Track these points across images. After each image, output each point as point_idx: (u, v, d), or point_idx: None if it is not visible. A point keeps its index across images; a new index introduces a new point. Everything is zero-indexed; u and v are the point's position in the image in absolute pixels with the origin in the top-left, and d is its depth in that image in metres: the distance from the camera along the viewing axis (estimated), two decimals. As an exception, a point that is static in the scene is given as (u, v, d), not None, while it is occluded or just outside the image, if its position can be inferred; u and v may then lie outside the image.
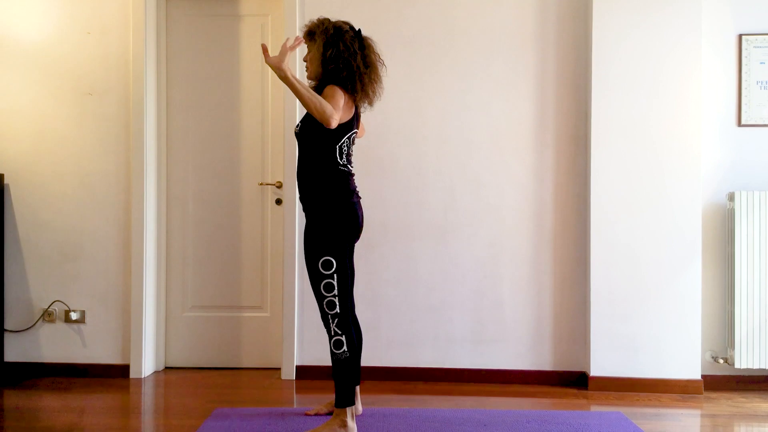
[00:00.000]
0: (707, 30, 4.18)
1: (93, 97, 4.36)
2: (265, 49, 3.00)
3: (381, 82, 3.22)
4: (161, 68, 4.50)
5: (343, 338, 3.13)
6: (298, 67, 4.19)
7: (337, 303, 3.13)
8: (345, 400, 3.14)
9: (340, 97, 3.06)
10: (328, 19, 3.17)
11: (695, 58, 4.10)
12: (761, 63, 4.20)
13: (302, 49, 3.94)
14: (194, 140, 4.54)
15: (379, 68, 3.22)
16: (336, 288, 3.13)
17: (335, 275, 3.13)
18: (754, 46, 4.20)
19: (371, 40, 3.24)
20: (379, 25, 4.23)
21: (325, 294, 3.13)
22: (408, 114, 4.29)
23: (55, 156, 4.36)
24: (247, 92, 4.52)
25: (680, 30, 4.10)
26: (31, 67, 4.36)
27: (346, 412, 3.14)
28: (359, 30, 3.21)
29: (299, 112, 4.26)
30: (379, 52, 3.24)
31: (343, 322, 3.14)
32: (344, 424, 3.13)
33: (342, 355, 3.12)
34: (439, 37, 4.29)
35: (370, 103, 3.23)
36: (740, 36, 4.21)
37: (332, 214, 3.14)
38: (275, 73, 2.96)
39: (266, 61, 2.95)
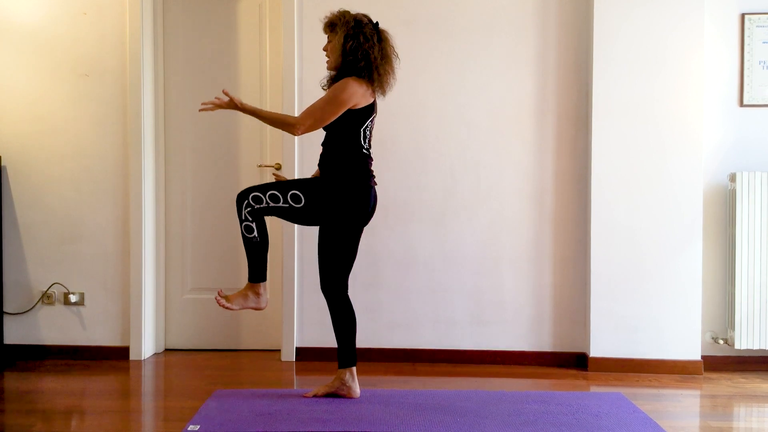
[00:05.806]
0: (710, 8, 4.14)
1: (89, 78, 4.32)
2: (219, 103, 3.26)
3: (394, 74, 3.38)
4: (158, 49, 4.46)
5: (254, 225, 3.28)
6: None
7: (262, 205, 3.26)
8: (255, 276, 3.34)
9: (342, 92, 3.20)
10: (349, 12, 3.30)
11: (698, 37, 4.06)
12: (764, 42, 4.17)
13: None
14: (192, 122, 4.51)
15: (393, 60, 3.36)
16: (279, 202, 3.26)
17: (289, 203, 3.27)
18: (757, 26, 4.16)
19: (388, 33, 3.36)
20: (378, 3, 4.20)
21: (266, 198, 3.26)
22: (408, 95, 4.25)
23: (52, 138, 4.33)
24: (245, 72, 4.48)
25: (683, 8, 4.06)
26: (26, 49, 4.32)
27: (259, 285, 3.35)
28: (377, 23, 3.33)
29: (298, 94, 4.24)
30: (394, 45, 3.37)
31: (255, 215, 3.27)
32: (257, 293, 3.35)
33: (253, 239, 3.28)
34: (438, 15, 4.25)
35: (383, 93, 3.37)
36: (743, 15, 4.17)
37: (347, 192, 3.28)
38: (237, 109, 3.27)
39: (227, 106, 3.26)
